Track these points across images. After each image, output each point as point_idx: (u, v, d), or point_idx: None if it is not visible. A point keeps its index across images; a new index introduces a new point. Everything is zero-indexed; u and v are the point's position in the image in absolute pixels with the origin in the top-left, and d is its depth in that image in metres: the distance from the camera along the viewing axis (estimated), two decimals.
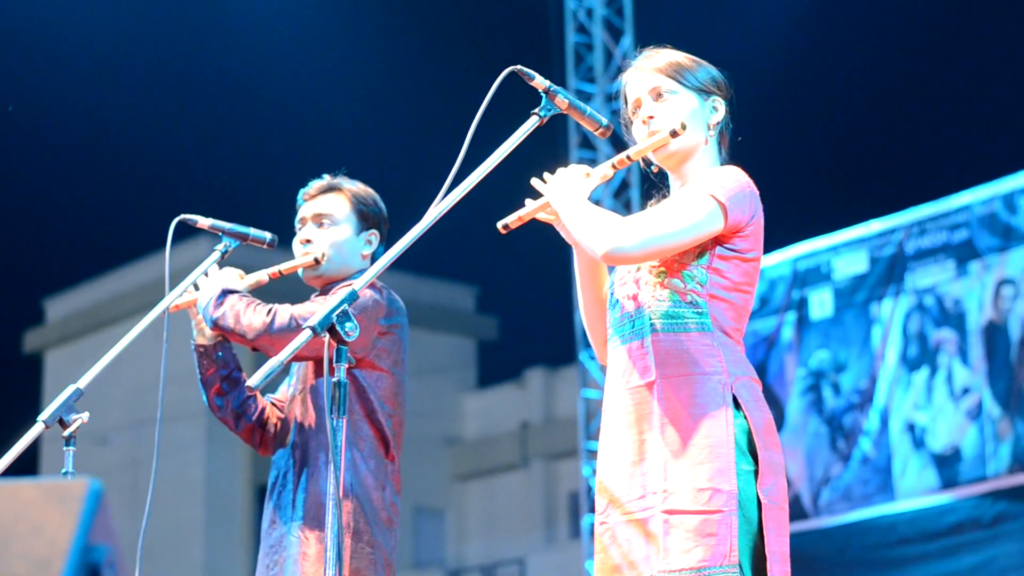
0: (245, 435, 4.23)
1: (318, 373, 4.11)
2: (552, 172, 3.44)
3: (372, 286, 4.06)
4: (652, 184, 3.61)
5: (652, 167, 3.54)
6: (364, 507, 3.98)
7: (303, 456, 4.07)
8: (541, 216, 3.43)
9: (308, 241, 4.21)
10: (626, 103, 3.54)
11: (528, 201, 3.44)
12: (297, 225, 4.28)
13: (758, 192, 3.38)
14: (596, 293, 3.55)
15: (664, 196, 3.55)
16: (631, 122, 3.52)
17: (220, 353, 4.17)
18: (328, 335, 3.05)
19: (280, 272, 4.17)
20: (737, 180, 3.35)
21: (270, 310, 3.95)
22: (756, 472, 3.21)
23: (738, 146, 3.55)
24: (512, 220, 3.40)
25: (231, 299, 4.01)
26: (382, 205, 4.31)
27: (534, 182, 3.43)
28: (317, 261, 4.17)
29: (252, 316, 3.95)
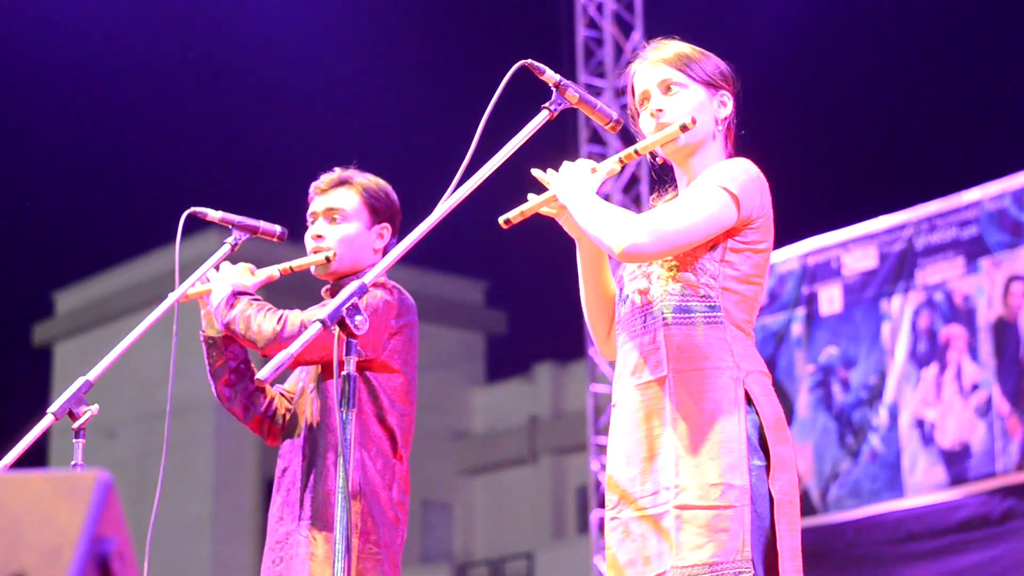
0: (253, 425, 4.23)
1: (328, 369, 4.09)
2: (560, 167, 3.42)
3: (383, 285, 4.05)
4: (659, 178, 3.60)
5: (657, 160, 3.53)
6: (372, 507, 3.97)
7: (312, 454, 4.06)
8: (542, 210, 3.41)
9: (320, 237, 4.19)
10: (633, 95, 3.52)
11: (531, 195, 3.42)
12: (308, 219, 4.26)
13: (768, 183, 3.38)
14: (599, 286, 3.53)
15: (669, 189, 3.54)
16: (638, 114, 3.51)
17: (228, 345, 4.17)
18: (338, 328, 3.05)
19: (291, 269, 4.15)
20: (747, 171, 3.34)
21: (280, 317, 3.93)
22: (768, 467, 3.21)
23: (747, 141, 3.54)
24: (514, 215, 3.37)
25: (242, 303, 4.00)
26: (394, 198, 4.29)
27: (536, 173, 3.42)
28: (328, 259, 4.15)
29: (263, 322, 3.93)
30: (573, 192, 3.33)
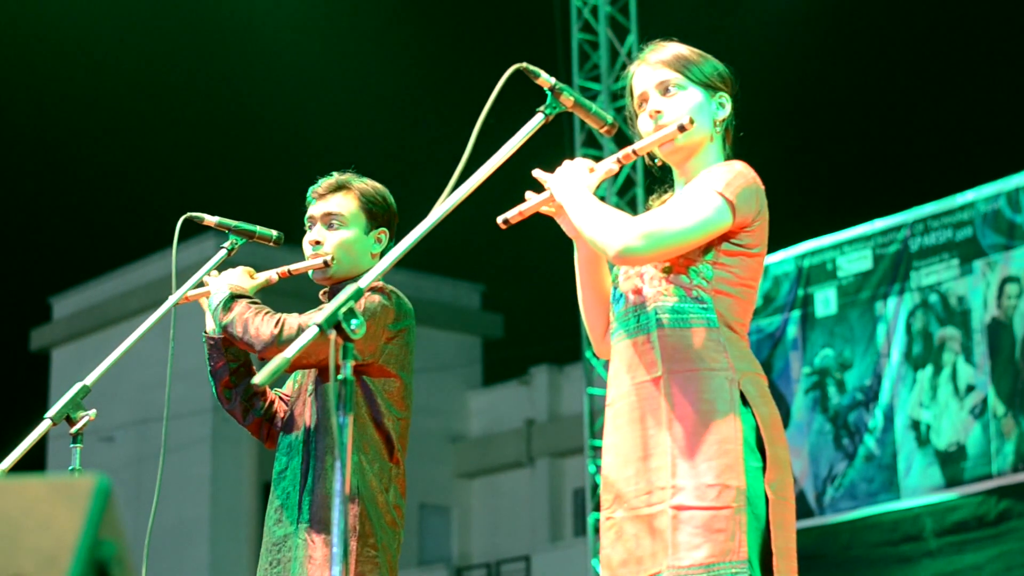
0: (253, 428, 4.24)
1: (325, 373, 4.09)
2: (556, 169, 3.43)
3: (381, 290, 4.05)
4: (655, 180, 3.60)
5: (656, 161, 3.54)
6: (369, 510, 3.98)
7: (310, 456, 4.06)
8: (542, 209, 3.42)
9: (318, 243, 4.20)
10: (631, 96, 3.52)
11: (529, 194, 3.42)
12: (306, 224, 4.27)
13: (764, 187, 3.38)
14: (596, 285, 3.54)
15: (666, 191, 3.55)
16: (636, 116, 3.51)
17: (230, 346, 4.17)
18: (334, 332, 3.05)
19: (290, 272, 4.16)
20: (743, 176, 3.35)
21: (278, 320, 3.94)
22: (763, 468, 3.22)
23: (744, 143, 3.54)
24: (513, 215, 3.37)
25: (240, 306, 4.00)
26: (392, 202, 4.29)
27: (536, 173, 3.42)
28: (327, 264, 4.16)
29: (261, 325, 3.94)
30: (569, 191, 3.34)
